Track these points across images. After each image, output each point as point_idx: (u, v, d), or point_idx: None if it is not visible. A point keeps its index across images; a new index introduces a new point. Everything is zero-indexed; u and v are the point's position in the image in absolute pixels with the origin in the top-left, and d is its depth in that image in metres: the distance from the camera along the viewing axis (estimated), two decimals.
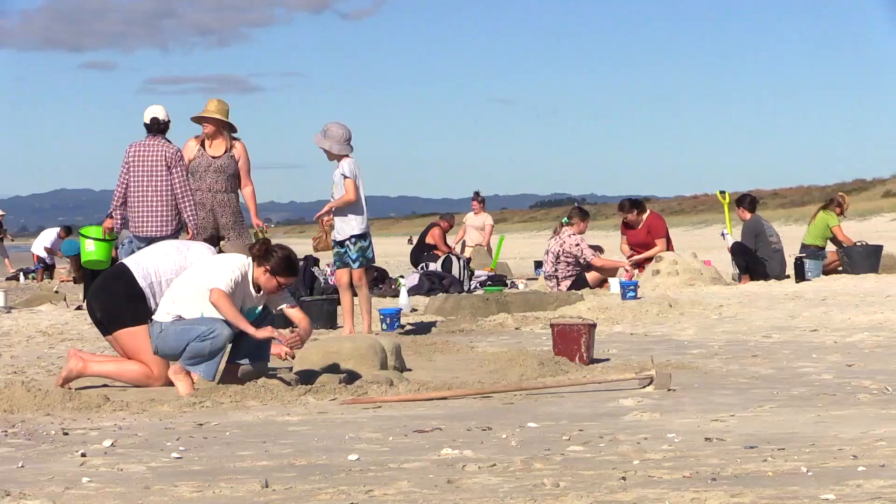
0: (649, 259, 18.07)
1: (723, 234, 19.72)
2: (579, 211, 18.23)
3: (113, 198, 12.26)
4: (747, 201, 19.15)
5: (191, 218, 11.87)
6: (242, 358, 8.40)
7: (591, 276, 17.16)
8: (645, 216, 18.71)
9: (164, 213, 11.86)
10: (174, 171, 11.84)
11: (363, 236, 11.79)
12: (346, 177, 11.66)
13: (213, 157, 12.43)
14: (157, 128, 12.07)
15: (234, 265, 8.32)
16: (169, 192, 11.87)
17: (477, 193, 24.66)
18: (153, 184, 11.86)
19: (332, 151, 11.85)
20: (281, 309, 8.54)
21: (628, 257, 18.32)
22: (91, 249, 12.54)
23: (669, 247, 18.85)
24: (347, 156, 11.82)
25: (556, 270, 17.32)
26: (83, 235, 12.55)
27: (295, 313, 8.50)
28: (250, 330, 8.11)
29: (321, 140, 11.83)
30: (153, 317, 8.36)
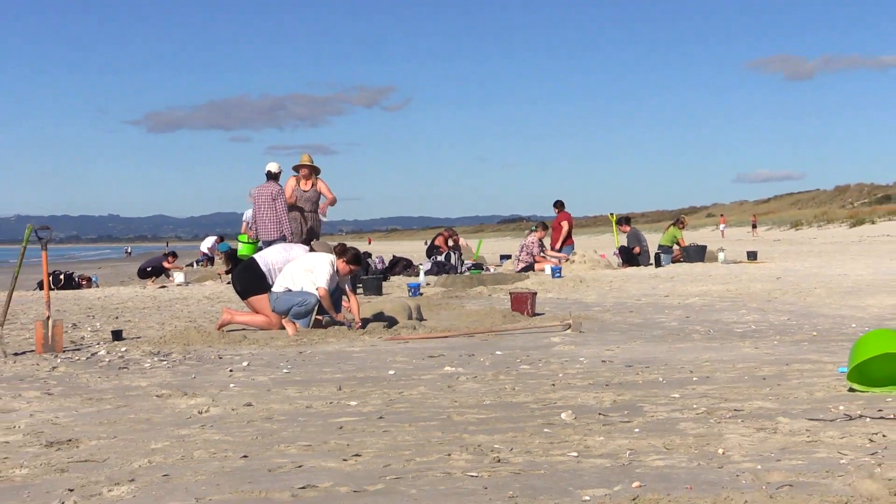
0: (564, 252, 18.00)
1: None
2: (543, 224, 18.25)
3: (251, 220, 12.33)
4: (625, 220, 19.16)
5: (286, 230, 11.83)
6: (325, 315, 8.37)
7: (537, 265, 17.17)
8: (559, 212, 18.93)
9: (273, 226, 11.82)
10: (276, 201, 11.80)
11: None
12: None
13: (305, 191, 12.34)
14: (269, 176, 12.05)
15: (328, 266, 8.17)
16: (274, 214, 11.84)
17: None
18: (265, 208, 11.83)
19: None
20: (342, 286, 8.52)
21: (554, 248, 18.22)
22: (241, 247, 13.17)
23: (570, 226, 18.61)
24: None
25: (519, 256, 17.44)
26: (239, 240, 13.16)
27: (347, 291, 8.46)
28: (333, 314, 8.15)
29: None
30: (272, 289, 8.33)
